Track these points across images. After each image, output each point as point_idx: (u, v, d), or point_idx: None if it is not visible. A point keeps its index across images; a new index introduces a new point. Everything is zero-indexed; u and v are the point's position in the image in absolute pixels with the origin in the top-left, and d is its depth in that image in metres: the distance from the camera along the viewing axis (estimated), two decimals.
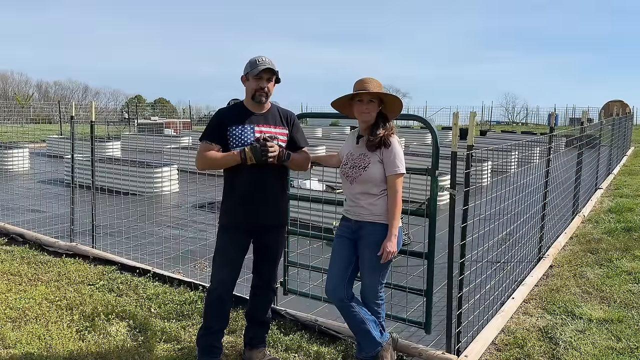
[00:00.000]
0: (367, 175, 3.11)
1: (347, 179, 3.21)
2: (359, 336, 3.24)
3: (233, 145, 3.17)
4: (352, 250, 3.23)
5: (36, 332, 3.74)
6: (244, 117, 3.22)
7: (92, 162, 5.72)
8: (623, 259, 5.68)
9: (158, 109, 42.45)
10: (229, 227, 3.27)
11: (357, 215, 3.19)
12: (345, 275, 3.22)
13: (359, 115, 3.15)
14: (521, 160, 11.36)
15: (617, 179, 11.86)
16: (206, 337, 3.29)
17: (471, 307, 3.93)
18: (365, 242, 3.16)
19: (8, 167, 12.29)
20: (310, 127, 25.58)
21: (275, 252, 3.39)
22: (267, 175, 3.21)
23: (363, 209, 3.15)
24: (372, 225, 3.13)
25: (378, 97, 3.13)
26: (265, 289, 3.45)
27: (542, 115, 42.36)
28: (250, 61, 3.19)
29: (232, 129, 3.18)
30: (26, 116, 30.56)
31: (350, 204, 3.25)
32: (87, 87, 60.16)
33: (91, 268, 5.16)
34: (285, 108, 3.43)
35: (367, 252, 3.15)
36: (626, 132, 17.83)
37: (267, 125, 3.25)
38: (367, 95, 3.09)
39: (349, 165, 3.20)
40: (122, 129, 24.85)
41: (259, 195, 3.20)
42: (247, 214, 3.22)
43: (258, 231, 3.28)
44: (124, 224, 6.90)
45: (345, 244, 3.25)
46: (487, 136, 21.09)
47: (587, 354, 3.63)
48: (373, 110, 3.12)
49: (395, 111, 3.19)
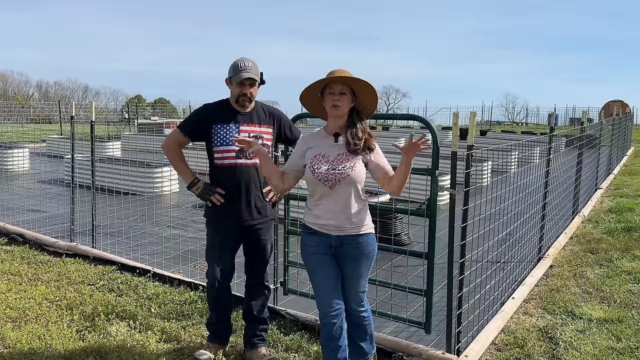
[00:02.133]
0: (355, 174, 2.75)
1: (325, 185, 2.76)
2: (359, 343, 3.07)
3: (217, 143, 3.23)
4: (335, 267, 2.87)
5: (36, 332, 3.74)
6: (229, 116, 3.25)
7: (92, 162, 5.72)
8: (623, 259, 5.68)
9: (158, 109, 42.43)
10: (214, 224, 3.34)
11: (340, 230, 2.80)
12: (339, 291, 2.88)
13: (329, 110, 2.77)
14: (521, 160, 11.37)
15: (617, 179, 11.86)
16: (212, 324, 3.47)
17: (471, 307, 3.92)
18: (350, 257, 2.83)
19: (8, 167, 12.28)
20: (310, 127, 25.54)
21: (262, 249, 3.39)
22: (253, 176, 3.25)
23: (348, 221, 2.79)
24: (360, 237, 2.82)
25: (351, 91, 2.76)
26: (258, 287, 3.46)
27: (542, 115, 42.42)
28: (234, 65, 3.21)
29: (217, 127, 3.23)
30: (26, 116, 30.57)
31: (328, 217, 2.80)
32: (87, 87, 60.25)
33: (91, 268, 5.16)
34: (275, 107, 3.46)
35: (352, 266, 2.85)
36: (626, 132, 17.83)
37: (252, 124, 3.28)
38: (338, 85, 2.73)
39: (327, 168, 2.76)
40: (122, 129, 24.85)
41: (243, 195, 3.25)
42: (231, 214, 3.26)
43: (243, 230, 3.32)
44: (124, 224, 6.90)
45: (325, 261, 2.85)
46: (487, 136, 21.08)
47: (587, 354, 3.62)
48: (344, 103, 2.74)
49: (370, 105, 2.84)
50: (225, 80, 3.28)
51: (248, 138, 2.94)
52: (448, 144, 13.21)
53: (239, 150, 3.22)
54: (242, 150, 3.21)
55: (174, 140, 3.31)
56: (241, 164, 3.24)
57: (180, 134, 3.30)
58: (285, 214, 4.01)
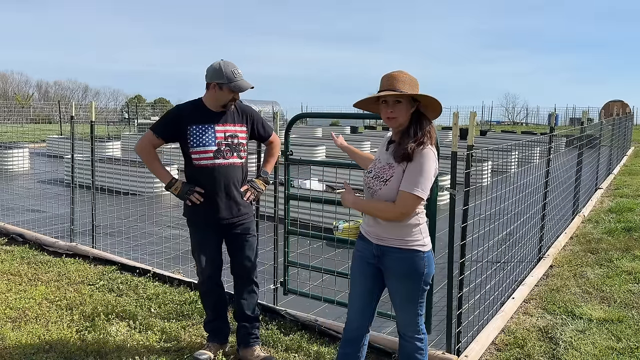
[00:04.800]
0: (388, 190, 2.53)
1: (368, 191, 2.65)
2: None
3: (193, 144, 3.22)
4: (374, 279, 2.72)
5: (36, 332, 3.74)
6: (204, 117, 3.24)
7: (92, 162, 5.71)
8: (623, 259, 5.68)
9: (158, 109, 42.41)
10: (195, 225, 3.36)
11: (379, 239, 2.63)
12: (369, 312, 2.79)
13: (385, 120, 2.58)
14: (521, 160, 11.37)
15: (617, 179, 11.85)
16: (209, 323, 3.51)
17: (471, 307, 3.93)
18: (391, 273, 2.63)
19: (8, 167, 12.28)
20: (310, 127, 25.58)
21: (246, 245, 3.38)
22: (231, 175, 3.27)
23: (385, 231, 2.60)
24: (399, 252, 2.58)
25: (409, 96, 2.52)
26: (246, 284, 3.44)
27: (542, 115, 42.41)
28: (225, 72, 3.14)
29: (192, 128, 3.22)
30: (26, 116, 30.56)
31: (369, 223, 2.67)
32: (87, 87, 60.23)
33: (91, 268, 5.16)
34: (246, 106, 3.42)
35: (397, 284, 2.64)
36: (626, 132, 17.83)
37: (227, 124, 3.28)
38: (392, 97, 2.52)
39: (372, 175, 2.64)
40: (122, 129, 24.85)
41: (222, 194, 3.26)
42: (210, 213, 3.28)
43: (224, 228, 3.33)
44: (124, 224, 6.90)
45: (367, 271, 2.72)
46: (487, 136, 21.09)
47: (587, 354, 3.62)
48: (401, 113, 2.51)
49: (436, 112, 2.60)
50: (211, 84, 3.19)
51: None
52: (448, 144, 13.20)
53: (216, 151, 3.22)
54: (219, 150, 3.23)
55: (148, 142, 3.27)
56: (219, 164, 3.23)
57: (154, 136, 3.25)
58: (285, 214, 4.00)
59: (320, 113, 4.37)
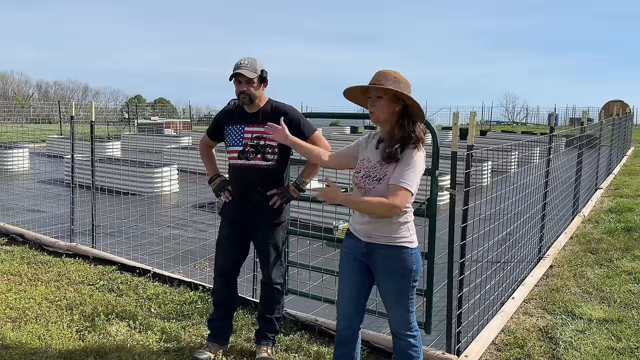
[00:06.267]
0: (381, 189, 2.56)
1: (359, 190, 2.66)
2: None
3: (227, 143, 3.36)
4: (363, 276, 2.75)
5: (36, 332, 3.74)
6: (237, 117, 3.33)
7: (92, 162, 5.72)
8: (623, 259, 5.68)
9: (158, 109, 42.45)
10: (222, 219, 3.47)
11: (368, 237, 2.66)
12: (358, 309, 2.81)
13: (370, 114, 2.62)
14: (521, 160, 11.37)
15: (617, 179, 11.85)
16: (212, 320, 3.53)
17: (471, 307, 3.92)
18: (381, 270, 2.67)
19: (8, 167, 12.29)
20: None
21: (265, 250, 3.38)
22: (252, 177, 3.27)
23: (375, 229, 2.63)
24: (387, 249, 2.61)
25: (393, 94, 2.53)
26: (266, 287, 3.47)
27: (542, 115, 42.38)
28: (234, 66, 3.22)
29: (228, 128, 3.35)
30: (26, 116, 30.56)
31: (358, 221, 2.70)
32: (87, 87, 60.23)
33: (91, 268, 5.16)
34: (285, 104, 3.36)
35: (387, 282, 2.68)
36: (626, 132, 17.83)
37: (256, 125, 3.27)
38: (374, 91, 2.55)
39: (362, 174, 2.65)
40: (122, 129, 24.85)
41: (248, 194, 3.30)
42: (232, 211, 3.37)
43: (249, 228, 3.38)
44: (124, 224, 6.90)
45: (355, 268, 2.75)
46: (487, 136, 21.09)
47: (587, 354, 3.62)
48: (381, 110, 2.55)
49: (419, 117, 2.60)
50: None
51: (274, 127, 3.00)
52: (448, 144, 13.21)
53: (241, 151, 3.26)
54: (244, 151, 3.25)
55: (203, 142, 3.58)
56: (241, 164, 3.27)
57: (207, 137, 3.55)
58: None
59: (320, 113, 4.36)
